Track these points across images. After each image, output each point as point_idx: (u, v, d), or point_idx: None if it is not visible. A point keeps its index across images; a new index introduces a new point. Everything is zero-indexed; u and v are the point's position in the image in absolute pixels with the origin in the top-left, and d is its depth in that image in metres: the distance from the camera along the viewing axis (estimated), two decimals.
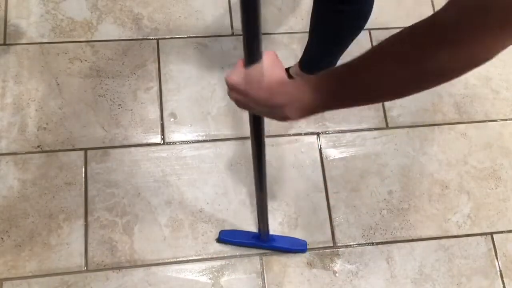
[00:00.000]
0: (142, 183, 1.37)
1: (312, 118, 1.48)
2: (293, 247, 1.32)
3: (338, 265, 1.34)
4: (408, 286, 1.33)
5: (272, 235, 1.30)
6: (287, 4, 1.63)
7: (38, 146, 1.38)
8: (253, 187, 1.39)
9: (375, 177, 1.44)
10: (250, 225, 1.35)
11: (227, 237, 1.31)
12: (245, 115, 1.51)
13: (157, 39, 1.53)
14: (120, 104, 1.44)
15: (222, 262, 1.31)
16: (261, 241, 1.29)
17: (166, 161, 1.39)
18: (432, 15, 0.49)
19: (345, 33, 1.20)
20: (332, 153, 1.45)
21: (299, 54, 1.54)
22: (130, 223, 1.32)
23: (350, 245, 1.36)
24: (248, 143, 1.44)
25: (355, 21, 1.17)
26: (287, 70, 1.43)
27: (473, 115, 1.54)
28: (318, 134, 1.47)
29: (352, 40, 1.23)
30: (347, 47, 1.26)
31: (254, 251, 1.33)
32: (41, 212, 1.31)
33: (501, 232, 1.42)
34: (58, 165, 1.36)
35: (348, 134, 1.48)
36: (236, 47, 1.55)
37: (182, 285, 1.28)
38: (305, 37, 1.58)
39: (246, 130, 1.45)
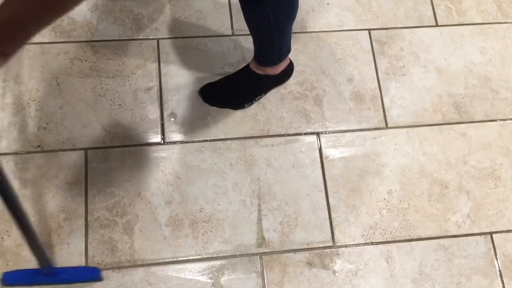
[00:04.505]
0: (142, 183, 1.37)
1: (312, 118, 1.48)
2: (82, 277, 1.24)
3: (338, 264, 1.34)
4: (407, 285, 1.34)
5: (57, 268, 1.22)
6: None
7: (39, 146, 1.38)
8: (253, 187, 1.39)
9: (374, 177, 1.44)
10: (249, 225, 1.36)
11: (10, 281, 1.22)
12: (244, 115, 1.51)
13: (157, 39, 1.53)
14: (120, 104, 1.44)
15: (222, 262, 1.32)
16: (44, 276, 1.21)
17: (166, 161, 1.40)
18: None
19: (277, 24, 1.20)
20: (332, 153, 1.46)
21: (300, 54, 1.55)
22: (130, 222, 1.33)
23: (350, 244, 1.37)
24: (248, 143, 1.45)
25: (281, 12, 1.17)
26: (247, 66, 1.44)
27: (472, 115, 1.54)
28: (318, 134, 1.47)
29: (289, 26, 1.24)
30: (289, 32, 1.27)
31: (254, 250, 1.33)
32: (41, 212, 1.31)
33: (501, 232, 1.42)
34: (58, 164, 1.36)
35: (348, 134, 1.48)
36: (236, 47, 1.55)
37: (182, 284, 1.28)
38: (304, 37, 1.59)
39: (246, 130, 1.45)
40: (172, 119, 1.45)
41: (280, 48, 1.33)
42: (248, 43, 1.55)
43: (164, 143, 1.42)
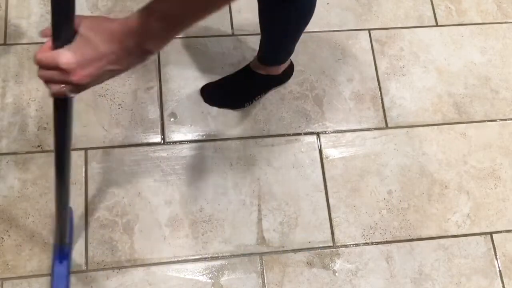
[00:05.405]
0: (142, 182, 1.37)
1: (312, 118, 1.48)
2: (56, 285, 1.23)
3: (337, 264, 1.34)
4: (407, 285, 1.34)
5: (65, 257, 1.24)
6: None
7: (39, 146, 1.38)
8: (253, 187, 1.39)
9: (374, 177, 1.44)
10: (249, 224, 1.35)
11: None
12: (244, 115, 1.51)
13: None
14: (120, 104, 1.44)
15: (222, 262, 1.32)
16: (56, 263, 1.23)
17: (166, 161, 1.40)
18: None
19: (293, 27, 1.23)
20: (332, 153, 1.46)
21: (300, 54, 1.55)
22: (130, 222, 1.33)
23: (350, 244, 1.37)
24: (248, 143, 1.45)
25: (300, 15, 1.19)
26: (247, 66, 1.45)
27: (472, 115, 1.54)
28: (318, 134, 1.47)
29: (304, 29, 1.26)
30: (299, 36, 1.30)
31: (254, 250, 1.33)
32: (41, 212, 1.31)
33: (501, 231, 1.42)
34: None
35: (348, 134, 1.48)
36: (236, 47, 1.55)
37: (182, 284, 1.28)
38: (304, 37, 1.58)
39: (246, 130, 1.45)
40: (172, 119, 1.45)
41: (289, 49, 1.35)
42: (248, 43, 1.55)
43: (164, 143, 1.42)
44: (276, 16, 1.20)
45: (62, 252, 1.24)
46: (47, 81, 0.64)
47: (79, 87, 0.64)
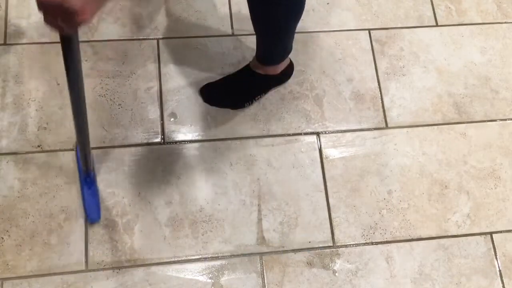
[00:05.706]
0: (142, 183, 1.37)
1: (312, 118, 1.48)
2: (88, 206, 1.31)
3: (337, 264, 1.34)
4: (407, 285, 1.34)
5: (92, 183, 1.32)
6: None
7: (39, 146, 1.38)
8: (253, 187, 1.39)
9: (374, 177, 1.44)
10: (249, 224, 1.36)
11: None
12: (244, 115, 1.51)
13: (157, 39, 1.53)
14: (120, 104, 1.44)
15: (222, 262, 1.32)
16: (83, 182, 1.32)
17: (166, 161, 1.40)
18: None
19: (283, 25, 1.23)
20: (332, 153, 1.46)
21: (300, 54, 1.55)
22: (130, 222, 1.33)
23: (350, 244, 1.37)
24: (248, 143, 1.45)
25: (289, 13, 1.20)
26: (247, 66, 1.45)
27: (472, 115, 1.55)
28: (318, 134, 1.47)
29: (295, 27, 1.27)
30: (292, 34, 1.30)
31: (254, 250, 1.33)
32: (41, 212, 1.31)
33: (501, 231, 1.42)
34: (58, 164, 1.36)
35: (348, 134, 1.48)
36: (236, 47, 1.55)
37: (182, 284, 1.28)
38: (304, 37, 1.59)
39: (246, 130, 1.45)
40: (172, 119, 1.45)
41: (284, 47, 1.35)
42: (248, 43, 1.55)
43: (164, 143, 1.42)
44: (265, 15, 1.20)
45: (89, 178, 1.31)
46: (49, 18, 0.68)
47: (82, 24, 0.68)
